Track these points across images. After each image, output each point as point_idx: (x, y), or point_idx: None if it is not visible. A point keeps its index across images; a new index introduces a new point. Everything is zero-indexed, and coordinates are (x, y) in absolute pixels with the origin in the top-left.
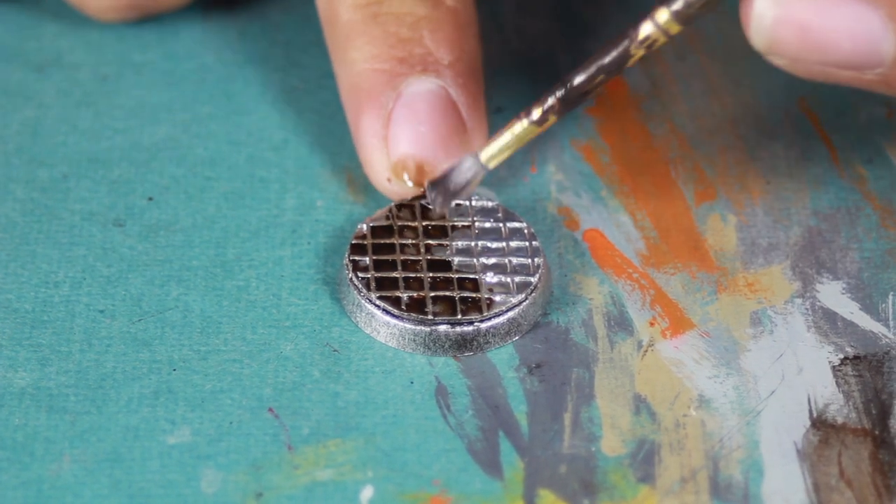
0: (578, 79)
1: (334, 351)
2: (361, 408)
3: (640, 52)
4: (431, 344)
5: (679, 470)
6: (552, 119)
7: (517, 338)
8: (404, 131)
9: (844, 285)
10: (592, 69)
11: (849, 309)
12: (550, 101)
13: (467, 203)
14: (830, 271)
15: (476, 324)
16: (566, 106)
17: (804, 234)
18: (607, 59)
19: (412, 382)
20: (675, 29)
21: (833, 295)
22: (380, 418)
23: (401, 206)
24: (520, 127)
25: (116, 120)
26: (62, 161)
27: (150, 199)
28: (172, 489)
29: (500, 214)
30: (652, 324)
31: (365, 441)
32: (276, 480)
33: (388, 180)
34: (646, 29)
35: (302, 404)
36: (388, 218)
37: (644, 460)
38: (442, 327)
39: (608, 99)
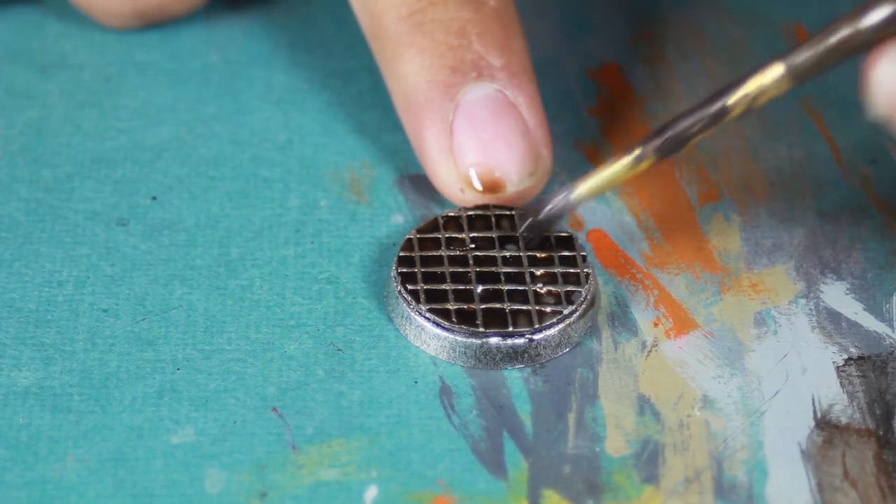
0: (679, 125)
1: (338, 350)
2: (365, 407)
3: (741, 108)
4: (483, 356)
5: (683, 470)
6: (647, 163)
7: (567, 350)
8: (469, 141)
9: (848, 286)
10: (693, 118)
11: (853, 309)
12: (648, 144)
13: (511, 212)
14: (834, 272)
15: (528, 336)
16: (663, 151)
17: (808, 235)
18: (709, 109)
19: (416, 382)
20: (784, 87)
21: (837, 295)
22: (384, 418)
23: (447, 217)
24: (613, 167)
25: (120, 120)
26: (66, 161)
27: (154, 198)
28: (176, 489)
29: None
30: (656, 324)
31: (369, 441)
32: (280, 480)
33: (462, 191)
34: (753, 83)
35: (306, 404)
36: (434, 230)
37: (648, 461)
38: (493, 340)
39: (612, 100)
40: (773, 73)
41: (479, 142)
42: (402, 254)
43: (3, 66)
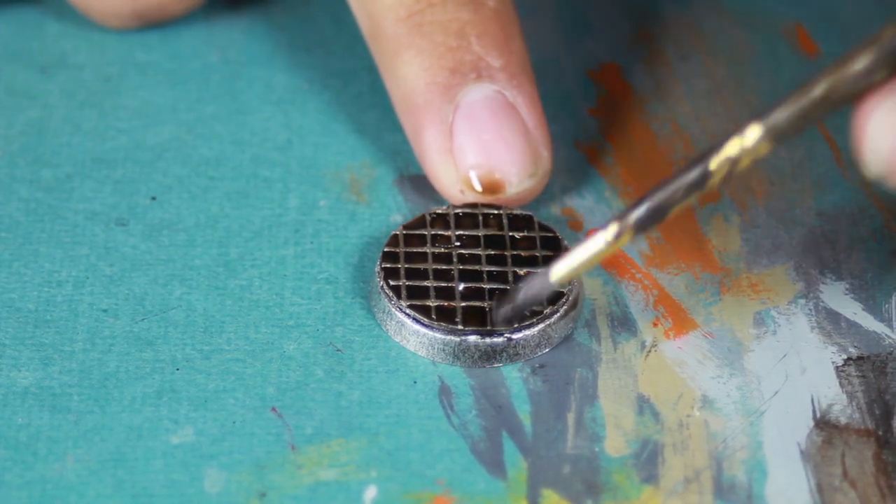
0: (658, 196)
1: (338, 350)
2: (365, 407)
3: (722, 173)
4: (461, 354)
5: (682, 470)
6: (626, 238)
7: (547, 350)
8: (469, 142)
9: (848, 286)
10: (672, 187)
11: (852, 309)
12: (626, 219)
13: (499, 211)
14: (834, 272)
15: (506, 335)
16: (643, 224)
17: (808, 235)
18: (688, 177)
19: (415, 382)
20: (763, 149)
21: (836, 295)
22: (383, 418)
23: (435, 214)
24: (591, 247)
25: (120, 120)
26: (66, 161)
27: (154, 198)
28: (176, 489)
29: (532, 224)
30: (655, 324)
31: (368, 441)
32: (279, 480)
33: (462, 192)
34: (732, 147)
35: (305, 404)
36: (421, 226)
37: (647, 461)
38: (472, 338)
39: (612, 100)
40: (752, 134)
41: (478, 143)
42: (386, 249)
43: (3, 66)
